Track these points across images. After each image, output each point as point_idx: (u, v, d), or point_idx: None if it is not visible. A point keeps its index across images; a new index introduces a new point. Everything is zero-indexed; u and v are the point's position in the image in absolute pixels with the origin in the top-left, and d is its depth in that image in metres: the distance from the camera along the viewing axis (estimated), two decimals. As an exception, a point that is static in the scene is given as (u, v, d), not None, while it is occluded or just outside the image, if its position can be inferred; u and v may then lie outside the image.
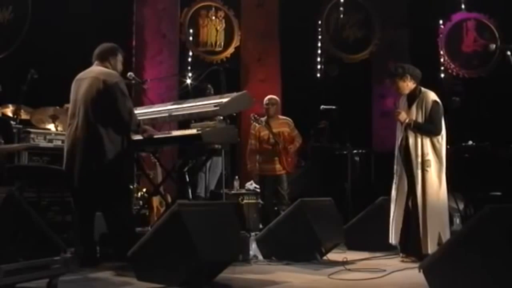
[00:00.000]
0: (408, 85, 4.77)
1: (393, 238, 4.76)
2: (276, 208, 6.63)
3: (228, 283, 3.77)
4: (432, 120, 4.66)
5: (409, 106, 4.78)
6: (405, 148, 4.71)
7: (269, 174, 6.65)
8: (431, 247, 4.47)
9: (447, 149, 4.72)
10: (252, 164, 6.69)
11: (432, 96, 4.74)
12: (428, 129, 4.67)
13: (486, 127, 7.99)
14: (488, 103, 8.86)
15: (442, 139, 4.69)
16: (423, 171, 4.60)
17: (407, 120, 4.69)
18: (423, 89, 4.79)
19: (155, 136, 4.73)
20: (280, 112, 6.97)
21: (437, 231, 4.54)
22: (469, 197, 6.55)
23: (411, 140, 4.67)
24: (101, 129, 4.24)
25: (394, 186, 4.80)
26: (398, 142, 4.81)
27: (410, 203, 4.69)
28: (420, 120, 4.69)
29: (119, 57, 4.59)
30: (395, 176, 4.80)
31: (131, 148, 4.55)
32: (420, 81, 4.83)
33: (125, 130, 4.39)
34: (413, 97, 4.78)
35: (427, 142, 4.64)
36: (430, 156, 4.62)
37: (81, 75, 4.47)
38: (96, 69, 4.46)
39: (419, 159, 4.62)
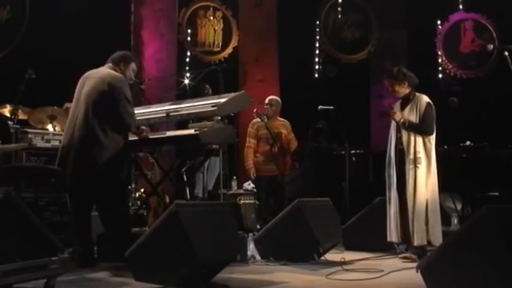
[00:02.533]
0: (404, 91, 4.92)
1: (393, 237, 4.82)
2: (273, 208, 6.63)
3: (226, 283, 3.77)
4: (425, 121, 4.81)
5: (403, 108, 4.94)
6: (400, 147, 4.84)
7: (265, 175, 6.65)
8: (420, 239, 4.66)
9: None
10: (249, 162, 6.68)
11: (425, 98, 4.90)
12: (421, 128, 4.81)
13: (484, 128, 7.99)
14: (486, 104, 8.87)
15: (433, 139, 4.84)
16: (415, 167, 4.75)
17: (401, 120, 4.81)
18: (416, 93, 4.95)
19: (153, 137, 4.72)
20: (279, 113, 6.96)
21: (424, 225, 4.69)
22: (467, 197, 6.56)
23: (404, 139, 4.82)
24: (99, 129, 4.21)
25: (390, 188, 4.87)
26: (392, 143, 4.91)
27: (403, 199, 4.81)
28: (413, 120, 4.83)
29: (132, 66, 4.60)
30: (388, 178, 4.89)
31: (128, 149, 4.54)
32: (415, 86, 4.96)
33: (125, 131, 4.39)
34: (407, 100, 4.94)
35: (419, 140, 4.80)
36: (421, 154, 4.77)
37: (89, 73, 4.46)
38: (104, 70, 4.44)
39: (411, 156, 4.77)
